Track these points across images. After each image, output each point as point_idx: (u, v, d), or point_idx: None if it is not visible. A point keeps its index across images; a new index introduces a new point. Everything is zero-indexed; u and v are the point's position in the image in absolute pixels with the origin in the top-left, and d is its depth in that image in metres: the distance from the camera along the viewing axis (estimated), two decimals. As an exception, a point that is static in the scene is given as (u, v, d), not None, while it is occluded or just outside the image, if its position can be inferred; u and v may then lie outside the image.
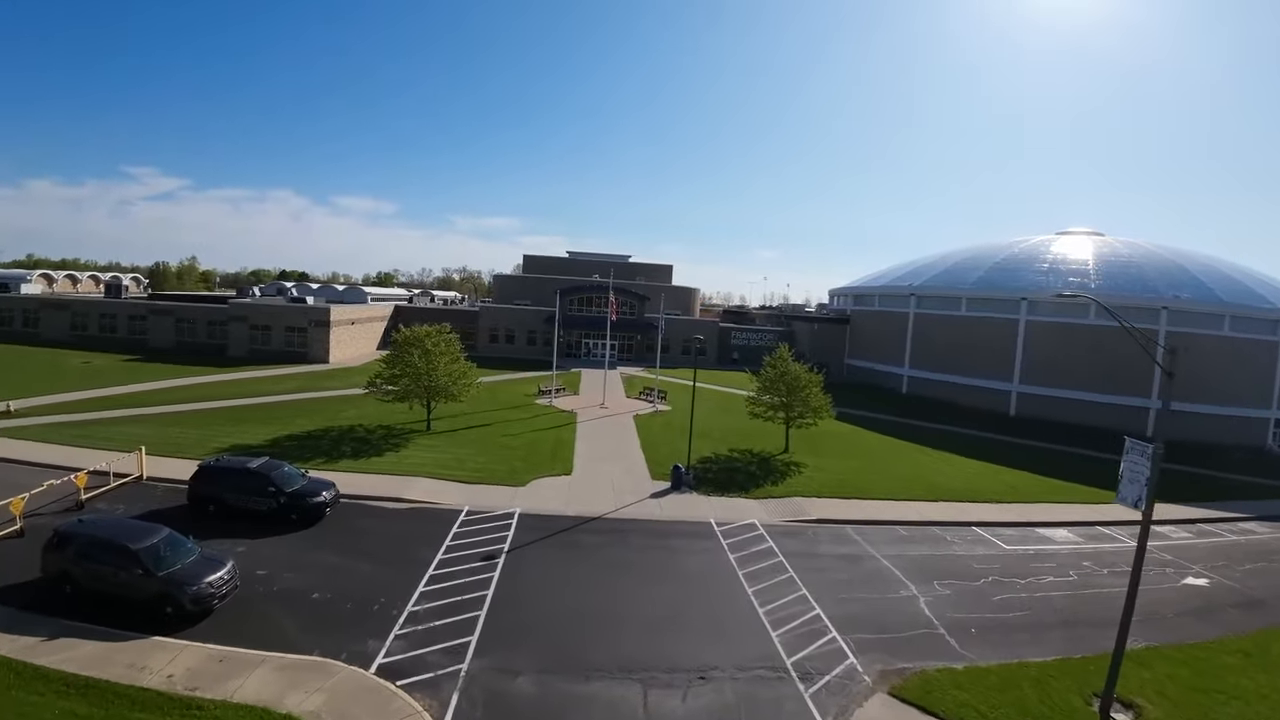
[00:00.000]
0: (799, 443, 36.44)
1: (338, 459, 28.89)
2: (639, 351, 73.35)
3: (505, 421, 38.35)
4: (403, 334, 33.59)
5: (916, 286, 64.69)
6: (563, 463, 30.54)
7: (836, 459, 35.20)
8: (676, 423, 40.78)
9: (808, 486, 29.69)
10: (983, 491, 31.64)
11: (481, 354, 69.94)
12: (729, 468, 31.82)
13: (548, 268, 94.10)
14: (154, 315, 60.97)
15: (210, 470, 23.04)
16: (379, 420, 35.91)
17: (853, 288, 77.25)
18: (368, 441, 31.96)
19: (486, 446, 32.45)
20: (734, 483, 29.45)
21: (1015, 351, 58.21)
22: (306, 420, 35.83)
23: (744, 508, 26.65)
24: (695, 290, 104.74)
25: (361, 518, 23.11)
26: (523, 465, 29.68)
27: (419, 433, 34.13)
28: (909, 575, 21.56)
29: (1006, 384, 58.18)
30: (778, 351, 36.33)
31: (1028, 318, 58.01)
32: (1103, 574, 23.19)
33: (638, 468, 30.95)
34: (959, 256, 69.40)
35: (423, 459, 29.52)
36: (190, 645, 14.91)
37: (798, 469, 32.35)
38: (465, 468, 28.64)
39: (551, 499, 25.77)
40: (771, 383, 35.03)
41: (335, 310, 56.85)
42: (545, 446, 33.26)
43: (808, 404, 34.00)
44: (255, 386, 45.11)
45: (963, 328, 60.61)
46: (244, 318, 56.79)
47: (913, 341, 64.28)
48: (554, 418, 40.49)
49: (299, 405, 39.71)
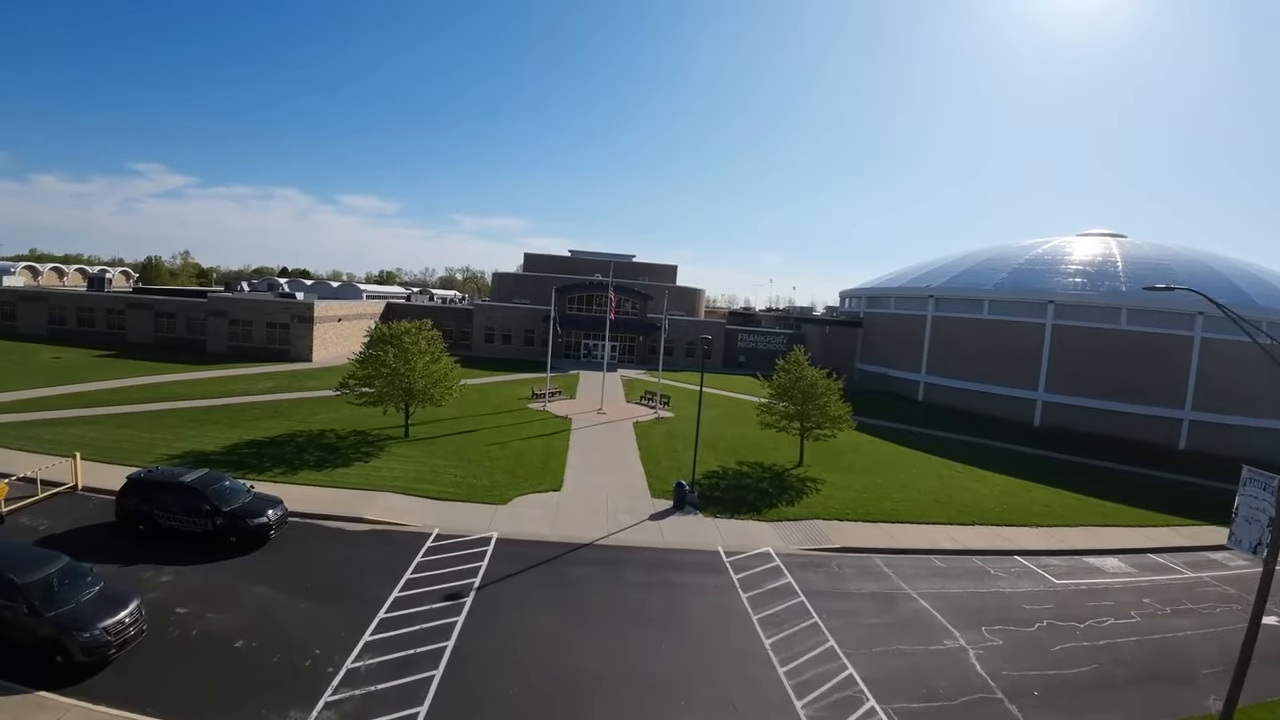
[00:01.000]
0: (814, 455, 33.15)
1: (298, 469, 25.72)
2: (641, 353, 70.04)
3: (493, 428, 35.08)
4: (378, 330, 30.26)
5: (935, 288, 61.25)
6: (552, 476, 27.25)
7: (856, 474, 31.88)
8: (680, 431, 37.58)
9: (827, 507, 26.36)
10: (1018, 512, 28.43)
11: (476, 354, 66.93)
12: (738, 484, 28.49)
13: (549, 266, 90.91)
14: (132, 309, 57.95)
15: (140, 483, 19.87)
16: (354, 425, 32.77)
17: (865, 289, 73.76)
18: (336, 449, 28.76)
19: (468, 456, 29.17)
20: (744, 502, 26.13)
21: (1041, 358, 54.77)
22: (275, 423, 32.71)
23: (756, 533, 23.34)
24: (700, 291, 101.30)
25: (312, 541, 19.90)
26: (506, 479, 26.40)
27: (395, 440, 30.89)
28: (953, 620, 18.29)
29: (1031, 392, 54.69)
30: (791, 355, 32.86)
31: (1055, 322, 54.53)
32: (1166, 614, 20.08)
33: (636, 483, 27.61)
34: (979, 258, 66.00)
35: (394, 470, 26.29)
36: (78, 706, 11.92)
37: (814, 486, 29.02)
38: (441, 481, 25.39)
39: (536, 521, 22.48)
40: (785, 389, 31.58)
41: (320, 306, 53.66)
42: (534, 457, 29.96)
43: (826, 413, 30.56)
44: (229, 385, 42.04)
45: (985, 332, 57.14)
46: (223, 313, 53.65)
47: (930, 346, 60.81)
48: (546, 424, 37.23)
49: (271, 407, 36.61)
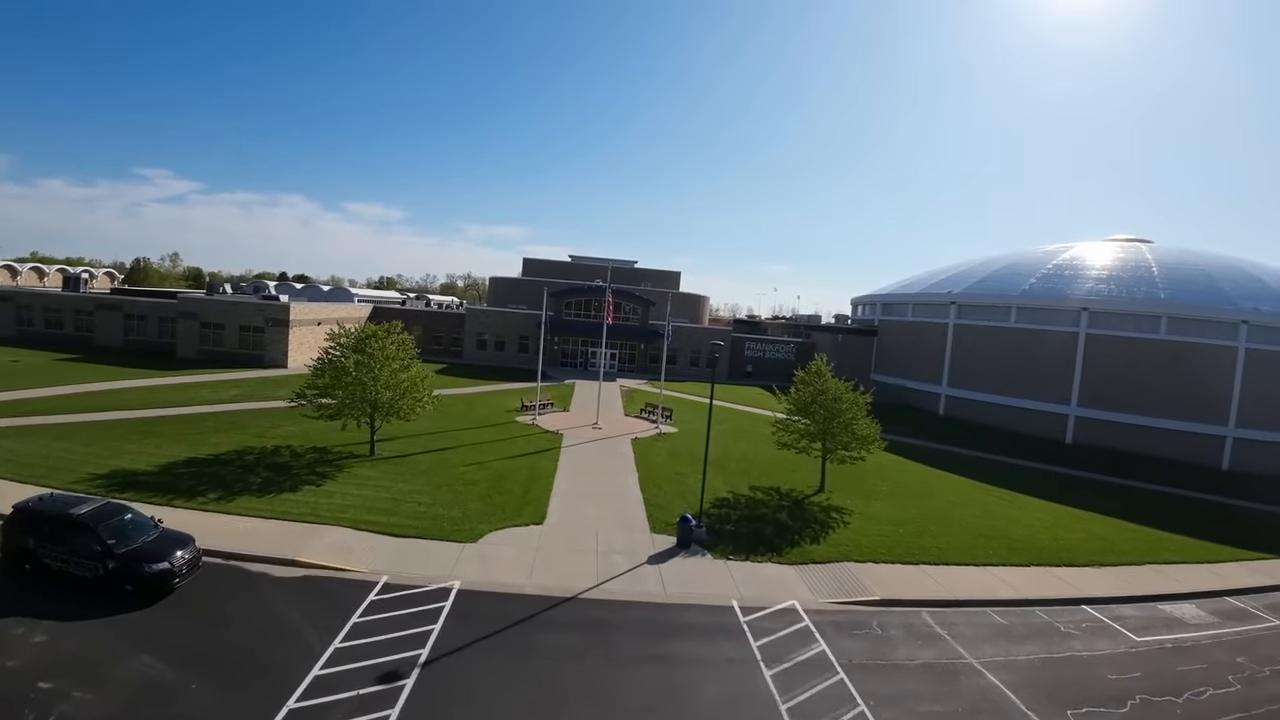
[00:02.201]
0: (837, 479, 29.22)
1: (237, 494, 21.90)
2: (642, 362, 66.17)
3: (473, 444, 31.15)
4: (338, 333, 26.40)
5: (957, 294, 57.36)
6: (535, 506, 23.28)
7: (886, 501, 27.93)
8: (684, 449, 33.65)
9: (859, 544, 22.40)
10: (1074, 548, 24.58)
11: (467, 362, 63.20)
12: (752, 514, 24.50)
13: (548, 271, 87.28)
14: (101, 311, 54.41)
15: (27, 514, 16.27)
16: (315, 440, 28.93)
17: (880, 295, 69.86)
18: (287, 470, 24.92)
19: (439, 479, 25.24)
20: (760, 538, 22.16)
21: (1074, 369, 50.82)
22: (227, 437, 28.94)
23: (777, 579, 19.36)
24: (704, 298, 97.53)
25: (228, 591, 16.03)
26: (480, 508, 22.43)
27: (358, 459, 27.01)
28: (1030, 700, 14.40)
29: (1063, 406, 50.70)
30: (812, 364, 28.92)
31: (1088, 330, 50.64)
32: (1265, 675, 16.69)
33: (633, 514, 23.60)
34: (1000, 263, 62.16)
35: (349, 497, 22.40)
36: None
37: (841, 517, 25.06)
38: (402, 512, 21.47)
39: (510, 565, 18.50)
40: (804, 405, 27.66)
41: (296, 308, 49.92)
42: (516, 481, 25.98)
43: (853, 432, 26.61)
44: (190, 393, 38.30)
45: (1012, 341, 53.20)
46: (194, 315, 49.92)
47: (952, 356, 56.86)
48: (534, 440, 33.28)
49: (229, 418, 32.83)
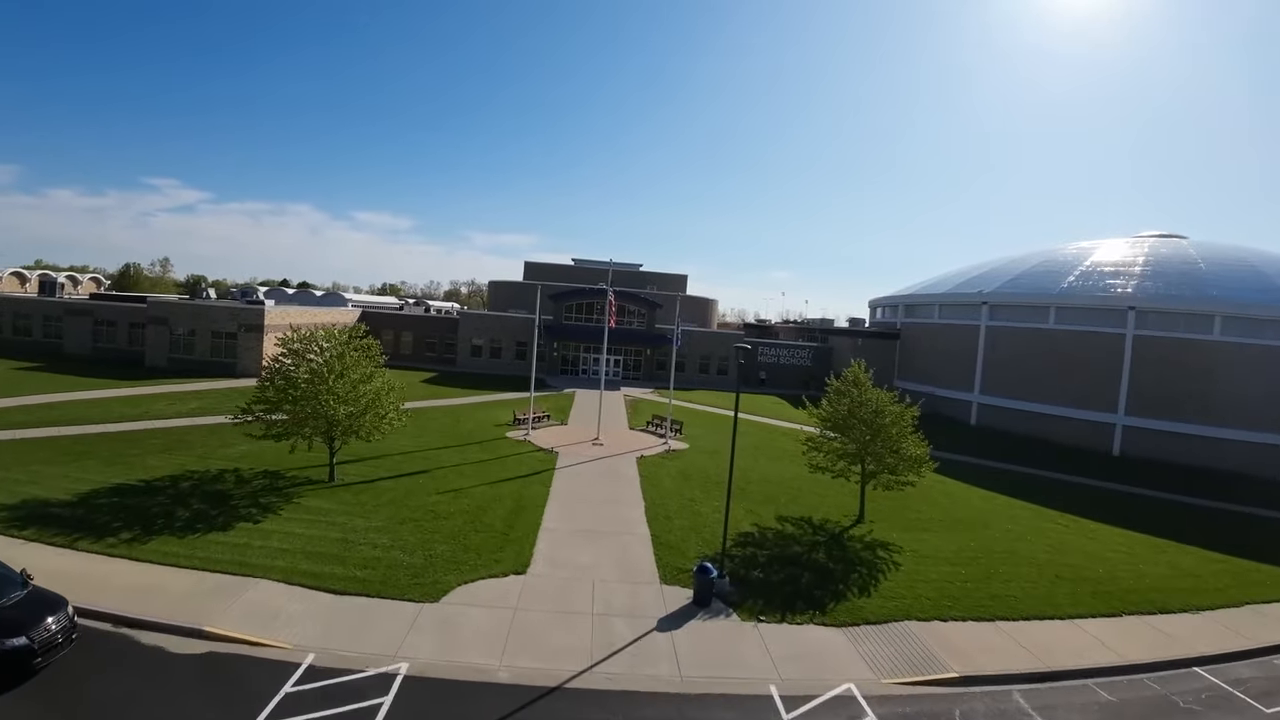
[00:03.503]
0: (876, 505, 24.90)
1: (155, 533, 17.86)
2: (648, 369, 62.01)
3: (453, 466, 26.96)
4: (289, 338, 22.28)
5: (989, 293, 52.97)
6: (517, 547, 18.95)
7: (937, 533, 23.62)
8: (697, 469, 29.37)
9: (917, 594, 18.10)
10: (1160, 587, 20.36)
11: (461, 370, 59.16)
12: (784, 554, 20.18)
13: (550, 275, 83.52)
14: (70, 316, 50.74)
15: None
16: (269, 462, 24.83)
17: (903, 296, 65.45)
18: (225, 501, 20.85)
19: (406, 512, 21.01)
20: (797, 588, 17.87)
21: (1120, 374, 46.35)
22: (169, 459, 24.98)
23: (825, 650, 15.04)
24: (713, 301, 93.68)
25: (107, 675, 11.90)
26: (450, 552, 18.18)
27: (314, 486, 22.89)
28: None
29: (1109, 415, 46.24)
30: (848, 371, 24.64)
31: (1135, 332, 46.23)
32: None
33: (639, 557, 19.26)
34: (1030, 261, 57.76)
35: (290, 539, 18.25)
36: None
37: (890, 556, 20.76)
38: (351, 558, 17.28)
39: (478, 637, 14.20)
40: (842, 419, 23.39)
41: (272, 312, 46.05)
42: (498, 513, 21.68)
43: (900, 453, 22.33)
44: (145, 406, 34.42)
45: (1052, 344, 48.77)
46: (164, 320, 46.11)
47: (985, 361, 52.45)
48: (524, 461, 28.95)
49: (179, 435, 28.88)
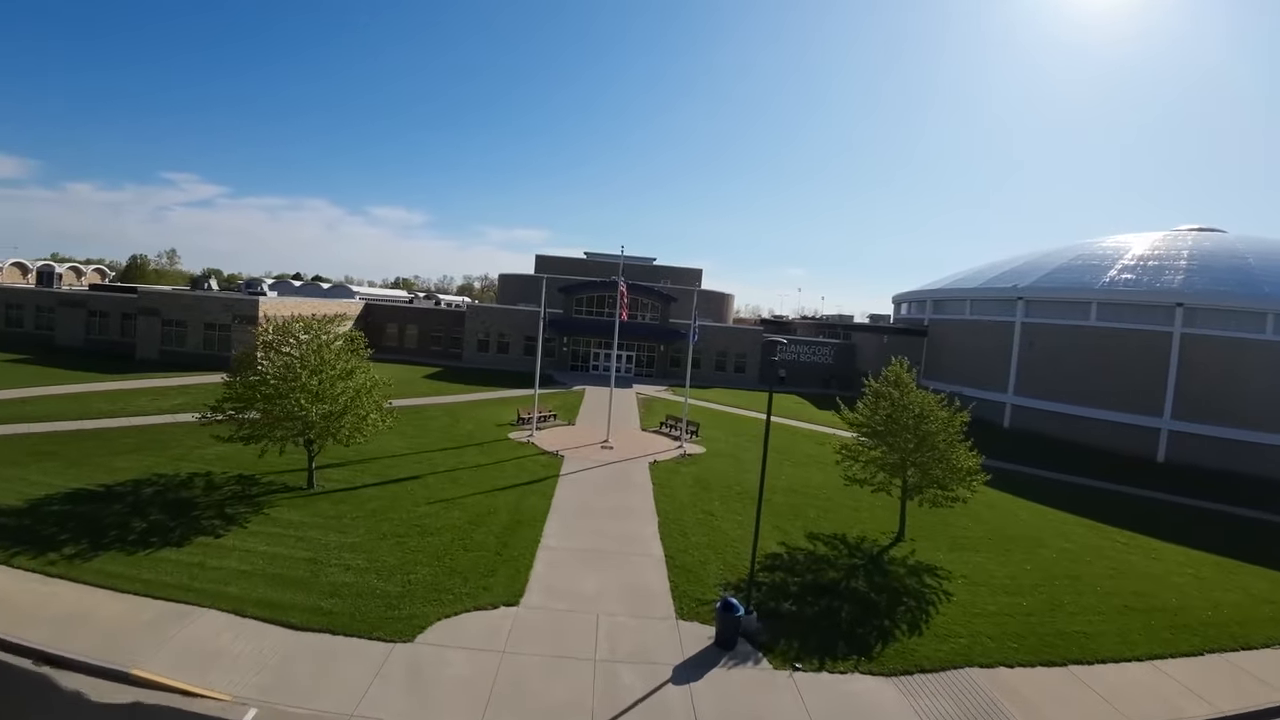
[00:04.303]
0: (915, 518, 22.19)
1: (105, 548, 15.67)
2: (661, 366, 59.42)
3: (447, 471, 24.55)
4: (261, 330, 19.94)
5: (1025, 288, 49.74)
6: (511, 571, 16.46)
7: (987, 553, 20.90)
8: (716, 476, 26.77)
9: (976, 631, 15.42)
10: (1240, 618, 17.61)
11: (467, 365, 56.99)
12: (818, 582, 17.51)
13: (561, 268, 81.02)
14: (63, 307, 49.18)
15: None
16: (246, 465, 22.59)
17: (931, 291, 62.23)
18: (188, 510, 18.62)
19: (388, 526, 18.63)
20: (836, 625, 15.23)
21: (1167, 374, 43.11)
22: (138, 460, 22.88)
23: (875, 706, 12.37)
24: (729, 296, 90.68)
25: (-25, 753, 9.70)
26: (431, 577, 15.72)
27: (290, 493, 20.62)
28: None
29: (1154, 419, 43.01)
30: (889, 370, 21.94)
31: (1183, 330, 42.97)
32: None
33: (651, 584, 16.64)
34: (1069, 255, 54.34)
35: (251, 557, 15.93)
36: None
37: (939, 583, 18.07)
38: (317, 583, 14.90)
39: (457, 691, 11.69)
40: (882, 425, 20.69)
41: (267, 303, 44.00)
42: (491, 528, 19.20)
43: (949, 464, 19.60)
44: (126, 402, 32.54)
45: (1093, 343, 45.53)
46: (155, 311, 44.30)
47: (1020, 360, 49.31)
48: (526, 466, 26.39)
49: (155, 434, 26.86)
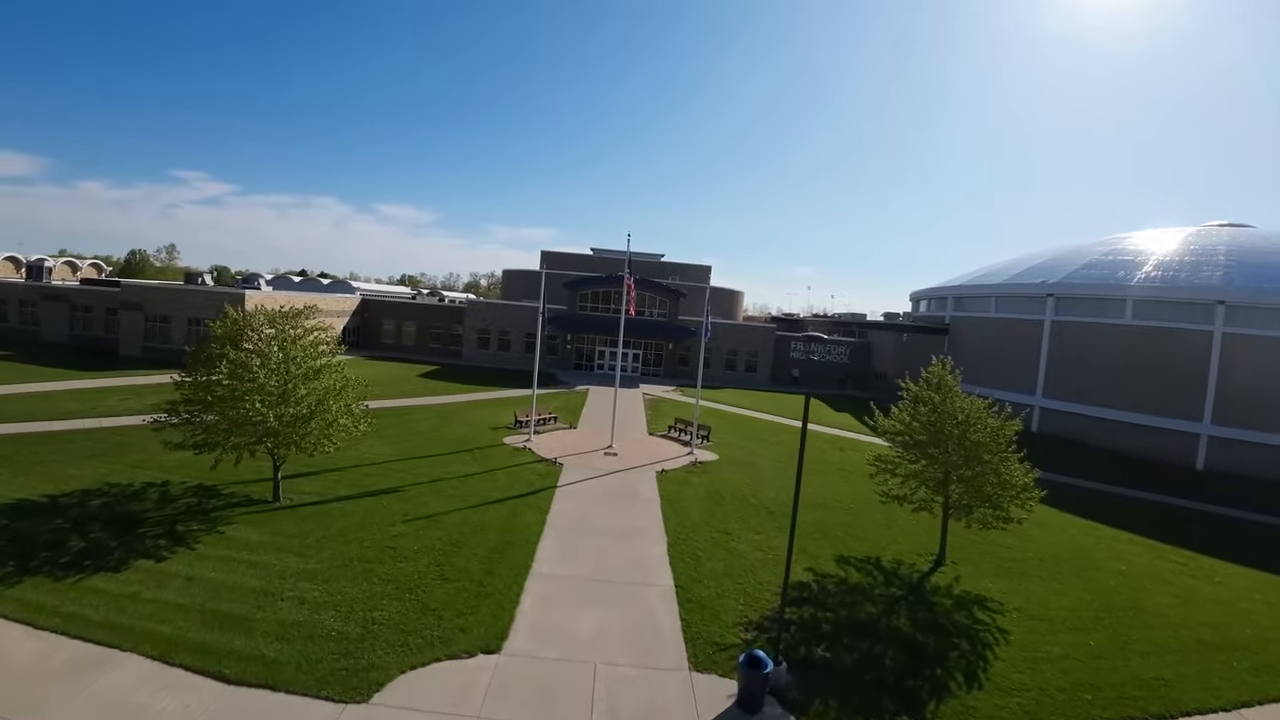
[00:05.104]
0: (955, 537, 19.66)
1: (28, 573, 13.44)
2: (669, 365, 57.02)
3: (431, 482, 22.15)
4: (218, 325, 17.65)
5: (1055, 284, 47.01)
6: (494, 607, 13.95)
7: (1040, 580, 18.37)
8: (730, 488, 24.21)
9: (1042, 682, 12.91)
10: None
11: (467, 363, 54.77)
12: (855, 620, 14.94)
13: (567, 264, 78.46)
14: (46, 302, 47.35)
15: None
16: (207, 474, 20.20)
17: (952, 287, 59.48)
18: (133, 526, 16.35)
19: (356, 549, 16.21)
20: (880, 677, 12.69)
21: (1208, 377, 40.39)
22: (94, 467, 20.70)
23: (938, 794, 10.06)
24: (739, 293, 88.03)
25: None
26: (398, 615, 13.25)
27: (254, 506, 18.34)
28: None
29: (1193, 424, 40.33)
30: (928, 373, 19.35)
31: (1224, 329, 40.28)
32: None
33: (660, 624, 14.09)
34: (1099, 250, 51.48)
35: (191, 587, 13.61)
36: None
37: (991, 619, 15.56)
38: (260, 622, 12.56)
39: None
40: (924, 434, 18.14)
41: (255, 297, 41.97)
42: (475, 552, 16.73)
43: (1001, 479, 17.08)
44: (94, 401, 30.36)
45: (1127, 343, 42.83)
46: (138, 306, 42.37)
47: (1049, 360, 46.61)
48: (521, 475, 23.91)
49: (118, 438, 24.59)
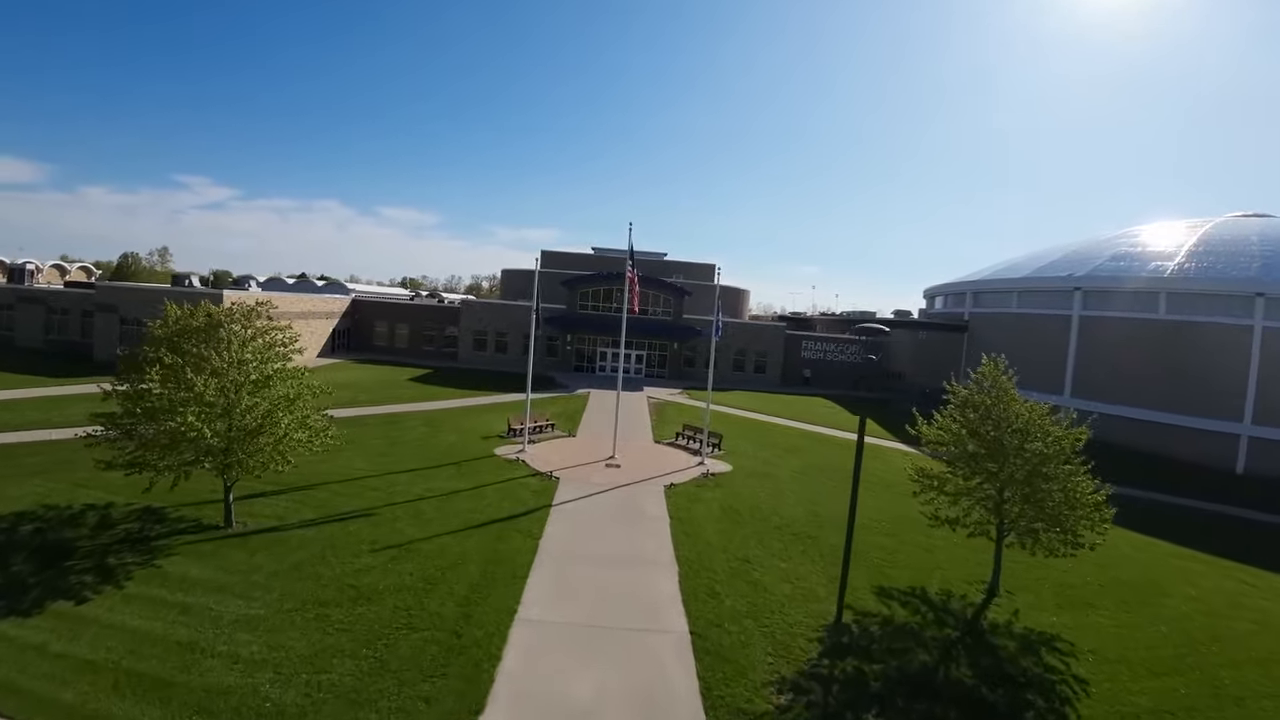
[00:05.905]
0: (1007, 562, 17.19)
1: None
2: (674, 366, 54.57)
3: (408, 502, 19.55)
4: (157, 325, 15.17)
5: (1083, 278, 44.46)
6: (468, 667, 11.46)
7: (1107, 610, 15.92)
8: (747, 505, 21.53)
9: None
10: None
11: (463, 365, 52.38)
12: (908, 675, 12.35)
13: (568, 264, 76.25)
14: (21, 304, 45.20)
15: None
16: (158, 494, 17.79)
17: (970, 282, 56.90)
18: (64, 556, 13.94)
19: (309, 590, 13.70)
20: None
21: (1248, 375, 37.89)
22: (34, 486, 18.40)
23: None
24: (745, 292, 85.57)
25: None
26: (350, 681, 10.76)
27: (203, 533, 15.95)
28: None
29: (1233, 424, 37.87)
30: (978, 373, 16.88)
31: (1265, 323, 37.85)
32: None
33: (672, 686, 11.58)
34: (1124, 243, 48.94)
35: (107, 638, 11.18)
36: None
37: (1063, 663, 13.08)
38: (179, 694, 10.00)
39: None
40: (977, 445, 15.68)
41: (234, 296, 39.62)
42: (451, 592, 14.18)
43: (1069, 497, 14.61)
44: (57, 410, 28.05)
45: (1161, 339, 40.28)
46: (113, 308, 40.11)
47: (1077, 357, 44.07)
48: (511, 493, 21.26)
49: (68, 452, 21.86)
